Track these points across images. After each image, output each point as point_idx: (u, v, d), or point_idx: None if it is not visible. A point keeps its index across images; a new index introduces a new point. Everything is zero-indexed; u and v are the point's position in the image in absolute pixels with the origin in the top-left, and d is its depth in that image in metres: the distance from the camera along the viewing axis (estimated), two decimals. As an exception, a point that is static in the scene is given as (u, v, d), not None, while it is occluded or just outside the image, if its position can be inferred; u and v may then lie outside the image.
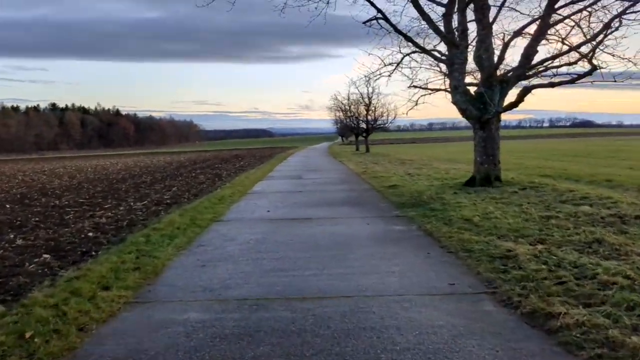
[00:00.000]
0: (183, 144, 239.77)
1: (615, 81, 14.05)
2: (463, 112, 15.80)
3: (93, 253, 9.35)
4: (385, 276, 6.84)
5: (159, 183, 25.20)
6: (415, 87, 18.52)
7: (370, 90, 58.13)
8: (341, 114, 67.36)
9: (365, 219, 11.48)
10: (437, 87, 19.15)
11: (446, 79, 18.97)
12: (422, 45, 16.85)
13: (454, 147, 68.64)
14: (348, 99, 62.94)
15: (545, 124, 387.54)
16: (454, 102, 15.82)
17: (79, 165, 57.05)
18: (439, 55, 16.85)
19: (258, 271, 7.33)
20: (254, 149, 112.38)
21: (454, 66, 15.84)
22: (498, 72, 15.97)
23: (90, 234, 11.39)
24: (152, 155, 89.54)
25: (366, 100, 58.65)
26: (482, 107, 15.60)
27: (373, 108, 58.68)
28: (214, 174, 29.82)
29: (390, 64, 18.97)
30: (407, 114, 20.98)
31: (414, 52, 18.14)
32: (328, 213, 12.60)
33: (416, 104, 19.53)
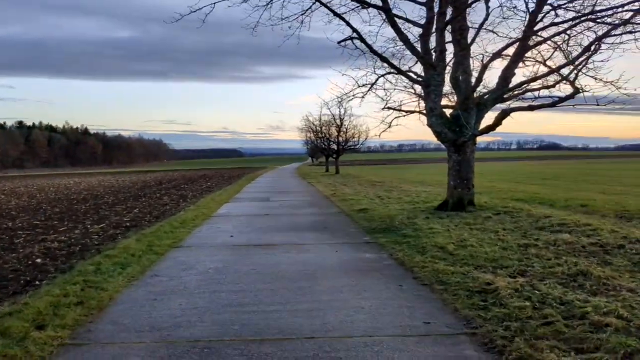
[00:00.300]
0: (151, 163, 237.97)
1: (598, 105, 13.71)
2: (438, 135, 15.34)
3: (37, 282, 8.58)
4: (354, 313, 6.20)
5: (120, 204, 24.29)
6: (389, 108, 18.05)
7: (342, 111, 57.98)
8: (312, 134, 67.00)
9: (333, 246, 10.86)
10: (412, 109, 18.72)
11: (421, 101, 18.59)
12: (397, 66, 16.34)
13: (423, 169, 68.66)
14: (319, 120, 62.67)
15: (514, 146, 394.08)
16: (429, 125, 15.36)
17: (42, 184, 55.49)
18: (414, 77, 16.40)
19: (214, 306, 6.64)
20: (223, 169, 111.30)
21: (430, 88, 15.39)
22: (475, 95, 15.56)
23: (39, 260, 10.59)
24: (118, 175, 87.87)
25: (338, 121, 58.41)
26: (457, 130, 15.16)
27: (345, 129, 58.48)
28: (178, 195, 28.96)
29: (364, 84, 18.47)
30: (379, 135, 19.72)
31: (389, 73, 17.69)
32: (294, 239, 11.95)
33: (389, 126, 19.07)
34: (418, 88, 17.78)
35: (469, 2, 14.92)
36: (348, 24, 15.63)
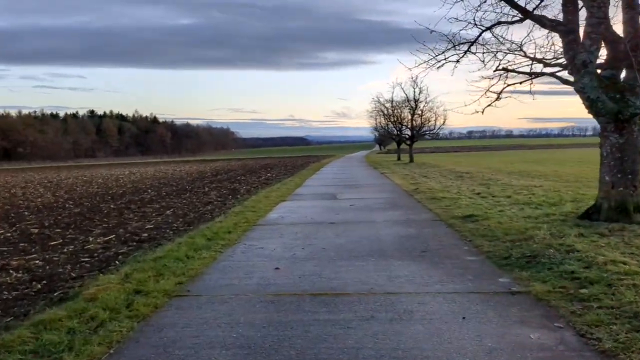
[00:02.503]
0: (219, 152, 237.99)
1: None
2: (591, 104, 10.07)
3: None
4: None
5: (157, 202, 20.07)
6: (506, 70, 12.88)
7: (417, 91, 52.31)
8: (382, 119, 61.38)
9: (453, 300, 5.97)
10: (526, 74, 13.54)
11: (535, 65, 13.42)
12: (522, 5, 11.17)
13: (506, 157, 62.18)
14: (391, 102, 57.07)
15: (589, 132, 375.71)
16: (579, 89, 10.13)
17: (95, 175, 52.48)
18: (549, 22, 11.16)
19: None
20: (289, 157, 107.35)
21: (574, 34, 10.23)
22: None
23: None
24: (182, 164, 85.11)
25: (412, 103, 52.71)
26: (620, 97, 9.95)
27: (420, 112, 52.75)
28: (230, 190, 24.57)
29: (460, 43, 13.52)
30: (483, 112, 14.43)
31: (499, 23, 12.67)
32: (379, 277, 7.08)
33: (498, 98, 13.99)
34: (531, 49, 12.65)
35: None
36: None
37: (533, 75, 12.77)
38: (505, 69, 12.90)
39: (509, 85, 13.86)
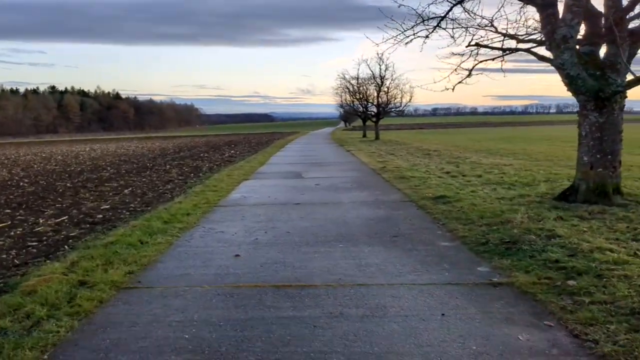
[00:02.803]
0: (184, 128, 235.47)
1: None
2: (571, 81, 9.58)
3: None
4: None
5: (116, 180, 19.21)
6: (478, 45, 12.29)
7: (384, 68, 51.58)
8: (348, 95, 60.54)
9: (428, 292, 5.45)
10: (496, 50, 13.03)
11: (506, 41, 12.90)
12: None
13: (473, 135, 62.07)
14: (357, 79, 56.24)
15: (552, 110, 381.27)
16: (558, 65, 9.62)
17: (54, 151, 50.92)
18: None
19: None
20: (253, 134, 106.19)
21: (552, 8, 9.71)
22: (629, 19, 9.82)
23: None
24: (145, 141, 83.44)
25: (378, 79, 51.99)
26: (600, 75, 9.50)
27: (386, 89, 52.06)
28: (192, 167, 23.77)
29: (430, 18, 12.92)
30: (453, 89, 13.83)
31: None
32: (346, 265, 6.52)
33: (469, 75, 13.46)
34: (502, 25, 12.16)
35: None
36: None
37: (507, 51, 12.23)
38: (478, 44, 12.33)
39: (480, 61, 13.32)
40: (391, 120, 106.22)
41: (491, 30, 13.14)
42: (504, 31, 12.98)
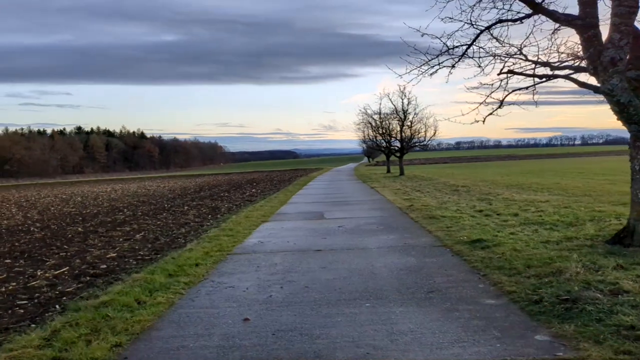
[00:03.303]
0: (208, 166, 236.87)
1: None
2: (621, 108, 8.46)
3: None
4: None
5: (129, 223, 18.33)
6: (511, 73, 11.26)
7: (406, 102, 50.67)
8: (370, 130, 59.57)
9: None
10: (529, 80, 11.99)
11: (538, 69, 11.85)
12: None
13: (501, 168, 60.49)
14: (379, 113, 55.34)
15: (577, 142, 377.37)
16: (606, 91, 8.53)
17: (76, 192, 50.57)
18: (564, 16, 9.57)
19: None
20: (276, 171, 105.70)
21: (594, 29, 8.69)
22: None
23: None
24: (168, 179, 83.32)
25: (400, 113, 51.02)
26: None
27: (409, 123, 51.07)
28: (210, 208, 22.85)
29: (455, 47, 12.00)
30: (484, 121, 12.71)
31: (500, 21, 11.10)
32: (375, 333, 5.42)
33: (500, 106, 12.43)
34: (532, 52, 11.25)
35: None
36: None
37: (543, 78, 11.17)
38: (511, 72, 11.31)
39: (512, 91, 12.28)
40: (415, 154, 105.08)
41: (521, 59, 12.16)
42: (534, 59, 12.00)
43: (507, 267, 7.98)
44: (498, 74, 11.44)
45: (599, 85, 9.06)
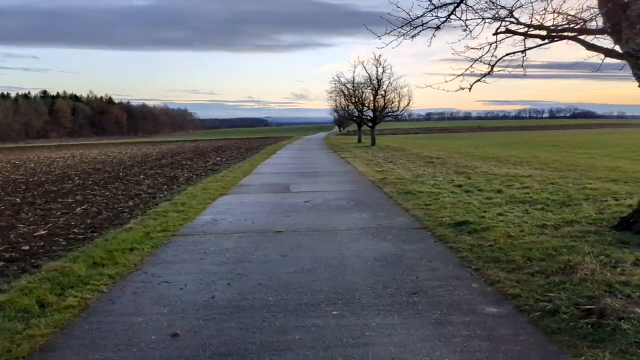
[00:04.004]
0: (177, 133, 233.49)
1: None
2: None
3: None
4: None
5: (77, 193, 16.64)
6: (512, 33, 9.76)
7: (381, 70, 48.97)
8: (343, 99, 57.83)
9: None
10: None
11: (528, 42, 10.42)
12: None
13: (474, 140, 59.34)
14: (352, 82, 53.56)
15: (545, 115, 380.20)
16: (630, 51, 7.14)
17: (32, 158, 48.23)
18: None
19: None
20: (245, 138, 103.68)
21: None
22: None
23: None
24: (133, 145, 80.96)
25: (375, 82, 49.36)
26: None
27: (383, 92, 49.46)
28: (168, 177, 21.19)
29: (442, 5, 10.52)
30: (470, 89, 11.22)
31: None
32: (346, 356, 4.03)
33: (491, 71, 10.98)
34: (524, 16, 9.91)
35: None
36: None
37: (548, 38, 9.69)
38: (510, 31, 9.83)
39: (508, 54, 10.81)
40: (385, 124, 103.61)
41: (512, 21, 10.70)
42: (528, 21, 10.54)
43: (504, 260, 6.60)
44: (494, 34, 9.95)
45: (613, 47, 7.65)
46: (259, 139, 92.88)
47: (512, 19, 10.72)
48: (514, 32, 9.80)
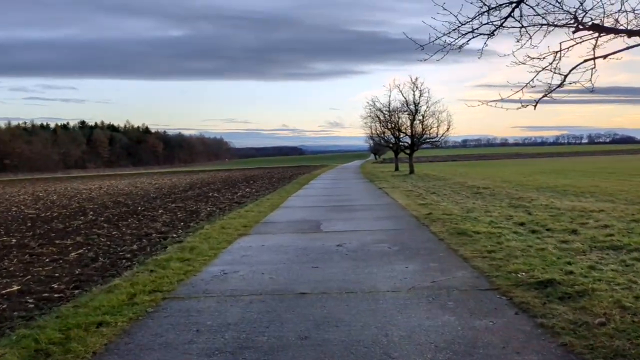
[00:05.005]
0: (213, 162, 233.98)
1: None
2: None
3: None
4: None
5: (83, 231, 14.84)
6: (601, 30, 7.58)
7: (417, 94, 46.73)
8: (378, 125, 55.51)
9: None
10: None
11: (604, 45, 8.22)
12: None
13: (517, 167, 56.42)
14: (388, 106, 51.33)
15: (584, 140, 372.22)
16: None
17: (60, 189, 47.11)
18: None
19: None
20: (280, 167, 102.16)
21: None
22: None
23: None
24: (165, 175, 79.98)
25: (412, 107, 47.06)
26: None
27: (420, 117, 47.12)
28: (188, 212, 19.29)
29: (497, 6, 8.39)
30: (535, 106, 8.91)
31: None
32: None
33: (562, 84, 8.76)
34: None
35: None
36: None
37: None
38: (600, 27, 7.62)
39: (586, 60, 8.61)
40: (422, 152, 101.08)
41: (573, 25, 8.51)
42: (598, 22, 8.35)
43: (635, 356, 4.34)
44: (575, 31, 7.73)
45: None
46: (292, 168, 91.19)
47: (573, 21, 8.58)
48: (607, 30, 7.56)
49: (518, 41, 9.24)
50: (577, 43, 8.92)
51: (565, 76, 8.98)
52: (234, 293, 7.06)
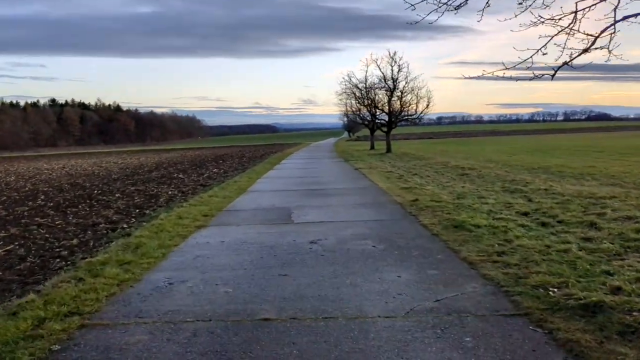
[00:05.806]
0: (185, 140, 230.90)
1: None
2: None
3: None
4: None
5: (20, 221, 12.94)
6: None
7: (396, 69, 44.75)
8: (354, 101, 53.31)
9: None
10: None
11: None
12: None
13: (499, 145, 54.67)
14: (365, 82, 49.28)
15: (560, 117, 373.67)
16: None
17: (21, 168, 44.71)
18: None
19: None
20: (250, 146, 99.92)
21: None
22: None
23: None
24: (134, 154, 77.53)
25: (390, 83, 45.12)
26: None
27: (399, 94, 45.23)
28: (147, 197, 17.42)
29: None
30: (553, 76, 7.31)
31: None
32: None
33: (594, 43, 7.15)
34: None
35: None
36: None
37: None
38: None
39: (622, 19, 7.01)
40: (397, 129, 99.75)
41: None
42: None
43: None
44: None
45: None
46: (265, 146, 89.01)
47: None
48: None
49: (521, 3, 7.63)
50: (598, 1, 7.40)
51: (596, 37, 7.40)
52: (174, 318, 5.29)
